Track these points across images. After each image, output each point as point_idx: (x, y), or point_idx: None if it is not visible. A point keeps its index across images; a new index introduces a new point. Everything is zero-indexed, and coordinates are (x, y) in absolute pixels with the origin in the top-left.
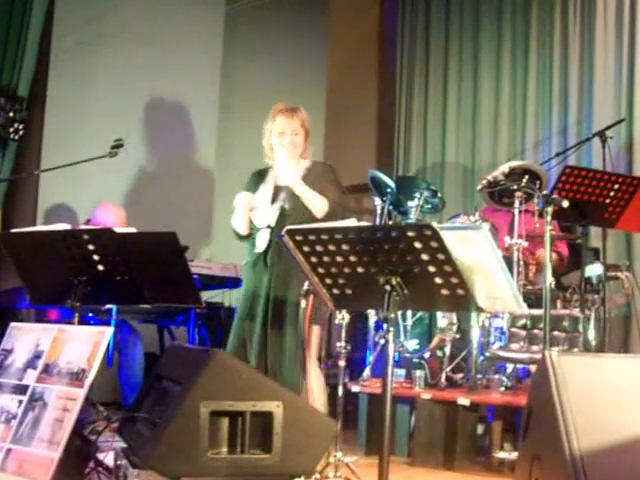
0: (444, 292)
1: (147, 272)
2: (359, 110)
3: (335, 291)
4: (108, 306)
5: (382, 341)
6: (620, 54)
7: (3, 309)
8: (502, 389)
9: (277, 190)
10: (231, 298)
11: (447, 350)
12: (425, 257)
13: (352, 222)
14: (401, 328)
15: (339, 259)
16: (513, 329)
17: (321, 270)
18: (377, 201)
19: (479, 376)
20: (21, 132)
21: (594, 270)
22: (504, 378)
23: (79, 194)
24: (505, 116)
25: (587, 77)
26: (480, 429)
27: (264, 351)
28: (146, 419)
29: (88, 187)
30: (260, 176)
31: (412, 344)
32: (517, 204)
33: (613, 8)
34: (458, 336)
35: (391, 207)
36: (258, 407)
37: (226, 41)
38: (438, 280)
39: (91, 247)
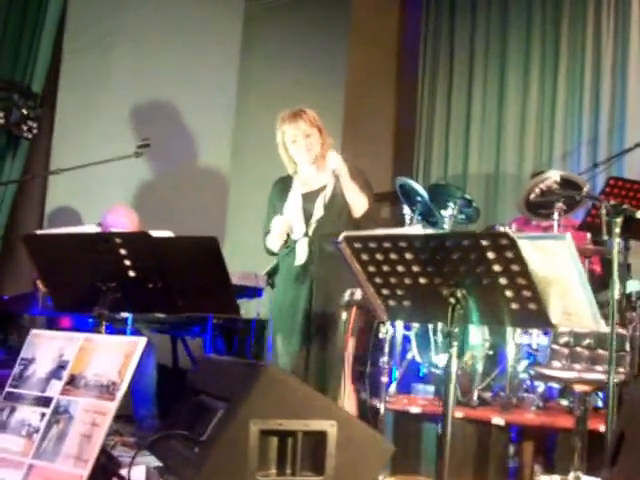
0: (514, 306)
1: (183, 279)
2: (377, 118)
3: (392, 303)
4: (124, 315)
5: (410, 356)
6: None
7: (12, 315)
8: (533, 408)
9: (305, 198)
10: (249, 308)
11: (479, 367)
12: (497, 268)
13: (418, 229)
14: (431, 343)
15: (400, 269)
16: (555, 346)
17: (378, 280)
18: (406, 210)
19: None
20: (35, 130)
21: (635, 286)
22: (534, 397)
23: (87, 197)
24: (532, 124)
25: (620, 85)
26: (511, 449)
27: (306, 367)
28: (184, 436)
29: (97, 190)
30: (284, 184)
31: (443, 360)
32: (556, 216)
33: None
34: (491, 352)
35: (420, 217)
36: (311, 426)
37: (244, 41)
38: (509, 293)
39: (123, 252)
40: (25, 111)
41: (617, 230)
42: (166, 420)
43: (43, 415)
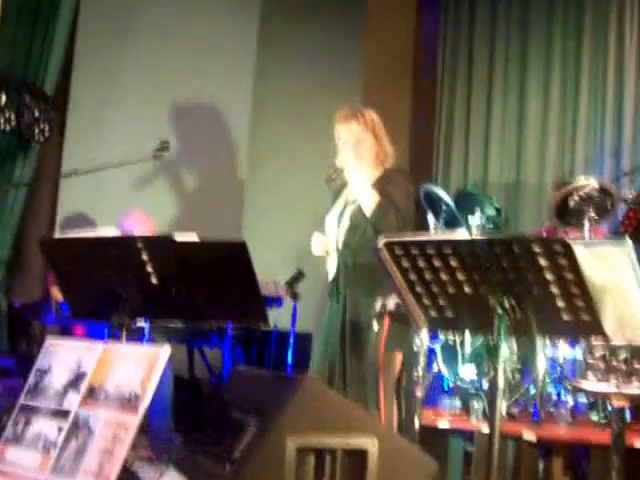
0: (566, 317)
1: (208, 286)
2: (393, 122)
3: (433, 313)
4: (139, 324)
5: (435, 369)
6: None
7: (22, 323)
8: (563, 423)
9: (345, 208)
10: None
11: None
12: (549, 277)
13: (463, 233)
14: (458, 355)
15: (444, 277)
16: (590, 360)
17: (419, 289)
18: (431, 219)
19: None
20: (47, 133)
21: None
22: (564, 412)
23: (100, 201)
24: (554, 133)
25: None
26: (541, 465)
27: (343, 383)
28: (214, 453)
29: (110, 194)
30: (339, 192)
31: (470, 373)
32: (587, 225)
33: None
34: (519, 366)
35: (445, 226)
36: (351, 444)
37: (260, 42)
38: (560, 303)
39: (145, 256)
40: (37, 113)
41: None
42: (192, 435)
43: (60, 429)
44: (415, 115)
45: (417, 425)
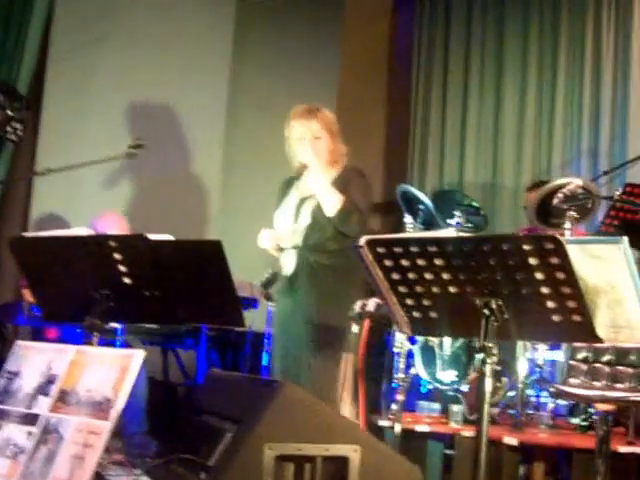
0: (556, 318)
1: (183, 287)
2: (369, 125)
3: (416, 314)
4: (112, 325)
5: (413, 371)
6: None
7: None
8: (543, 427)
9: (300, 203)
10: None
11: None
12: (540, 276)
13: (450, 232)
14: (437, 358)
15: (428, 276)
16: (573, 362)
17: (403, 289)
18: (408, 219)
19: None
20: (20, 132)
21: None
22: (544, 415)
23: (74, 202)
24: (530, 134)
25: (620, 94)
26: (522, 470)
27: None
28: (189, 461)
29: (84, 195)
30: (287, 186)
31: (449, 376)
32: (569, 225)
33: None
34: (499, 368)
35: (423, 226)
36: (332, 451)
37: (236, 43)
38: (551, 304)
39: (118, 256)
40: (10, 112)
41: None
42: (165, 441)
43: (30, 434)
44: (390, 117)
45: (398, 430)
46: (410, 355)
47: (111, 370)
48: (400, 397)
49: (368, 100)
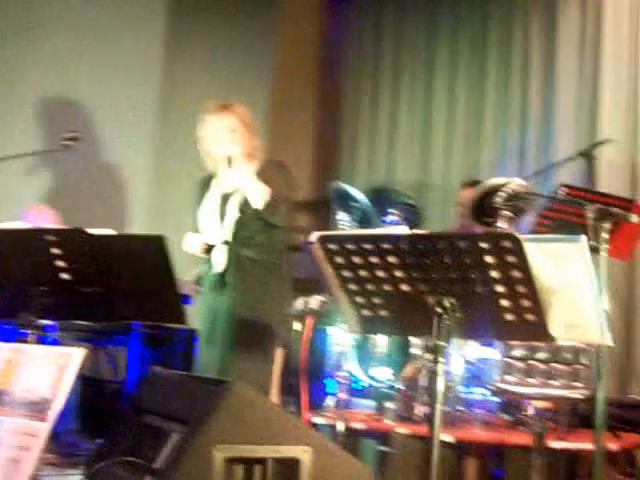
0: (509, 317)
1: (124, 283)
2: (299, 121)
3: (365, 312)
4: (43, 321)
5: (346, 368)
6: (583, 72)
7: None
8: (475, 423)
9: (224, 199)
10: None
11: (422, 380)
12: (495, 274)
13: (404, 230)
14: (371, 355)
15: (381, 274)
16: (508, 360)
17: (353, 287)
18: (341, 216)
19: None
20: None
21: None
22: (478, 412)
23: (3, 196)
24: (459, 134)
25: (548, 95)
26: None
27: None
28: (131, 463)
29: (8, 189)
30: (205, 185)
31: (383, 373)
32: (503, 224)
33: (577, 24)
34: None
35: (357, 224)
36: (283, 453)
37: (168, 38)
38: (504, 303)
39: (56, 251)
40: None
41: (604, 235)
42: (104, 442)
43: None
44: (321, 114)
45: (341, 428)
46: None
47: (49, 369)
48: (342, 395)
49: (299, 97)
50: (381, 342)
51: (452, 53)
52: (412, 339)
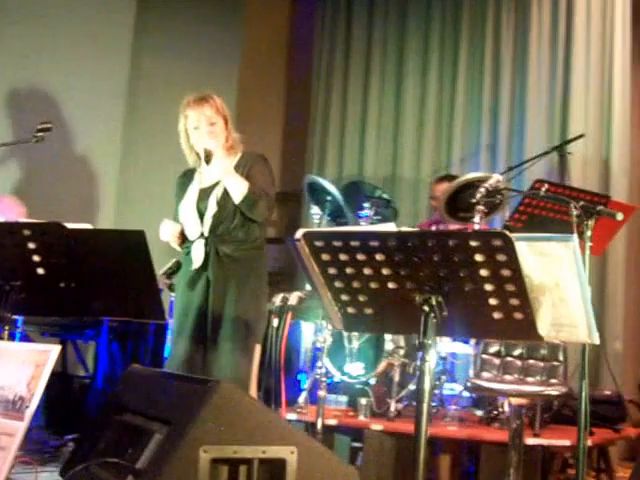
0: (497, 316)
1: (101, 279)
2: (267, 114)
3: (350, 310)
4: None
5: (320, 364)
6: (554, 68)
7: None
8: (448, 419)
9: (203, 193)
10: None
11: (395, 376)
12: (485, 273)
13: (391, 227)
14: (345, 350)
15: (367, 272)
16: (485, 356)
17: (339, 284)
18: (315, 210)
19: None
20: None
21: None
22: (451, 408)
23: None
24: (430, 128)
25: (519, 90)
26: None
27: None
28: (111, 463)
29: None
30: (186, 178)
31: (357, 368)
32: (478, 219)
33: (548, 20)
34: (407, 360)
35: (330, 218)
36: (268, 453)
37: (137, 29)
38: (493, 301)
39: (32, 245)
40: None
41: (589, 233)
42: (83, 442)
43: None
44: (290, 107)
45: (320, 425)
46: (316, 348)
47: (25, 367)
48: (322, 393)
49: (268, 89)
50: (354, 338)
51: (423, 47)
52: (386, 335)
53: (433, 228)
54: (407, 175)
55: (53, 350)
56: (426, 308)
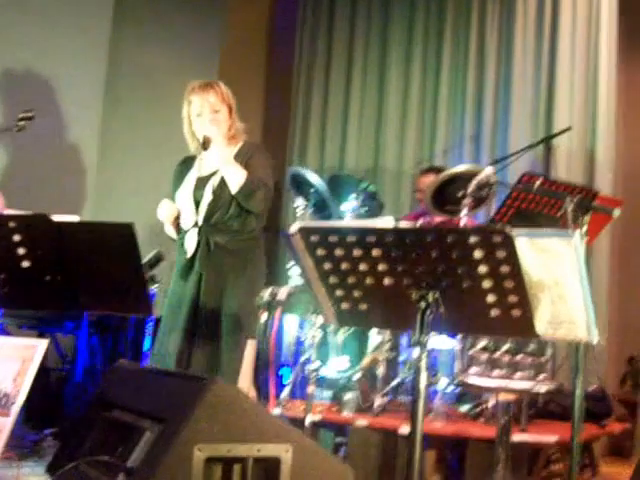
0: (494, 313)
1: (88, 272)
2: (248, 104)
3: (344, 305)
4: None
5: (304, 358)
6: (540, 59)
7: None
8: (432, 415)
9: (200, 182)
10: None
11: (380, 371)
12: (483, 269)
13: (389, 221)
14: (330, 345)
15: (363, 267)
16: (472, 351)
17: (334, 280)
18: (298, 202)
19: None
20: None
21: None
22: (437, 404)
23: None
24: (413, 119)
25: (503, 82)
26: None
27: (187, 369)
28: (100, 461)
29: None
30: (185, 166)
31: (342, 362)
32: (464, 212)
33: (533, 11)
34: (393, 355)
35: (313, 209)
36: (263, 452)
37: (116, 18)
38: (491, 298)
39: (17, 238)
40: None
41: (585, 228)
42: (69, 440)
43: None
44: (271, 97)
45: (309, 421)
46: (300, 342)
47: (11, 362)
48: (311, 388)
49: (248, 79)
50: (339, 332)
51: (407, 38)
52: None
53: (420, 221)
54: (390, 167)
55: (40, 345)
56: (422, 304)
